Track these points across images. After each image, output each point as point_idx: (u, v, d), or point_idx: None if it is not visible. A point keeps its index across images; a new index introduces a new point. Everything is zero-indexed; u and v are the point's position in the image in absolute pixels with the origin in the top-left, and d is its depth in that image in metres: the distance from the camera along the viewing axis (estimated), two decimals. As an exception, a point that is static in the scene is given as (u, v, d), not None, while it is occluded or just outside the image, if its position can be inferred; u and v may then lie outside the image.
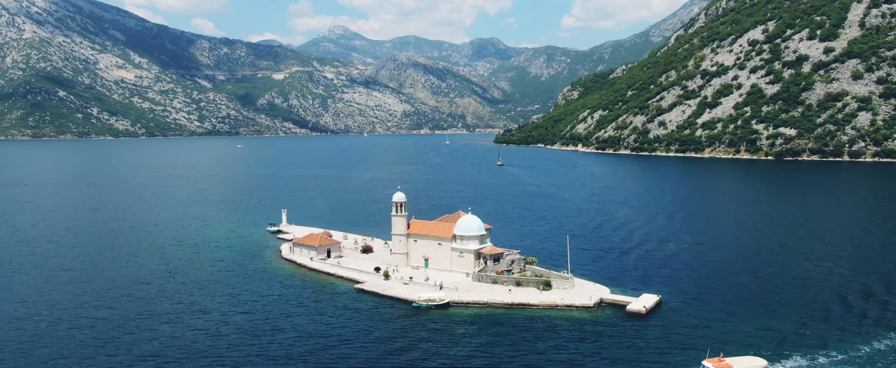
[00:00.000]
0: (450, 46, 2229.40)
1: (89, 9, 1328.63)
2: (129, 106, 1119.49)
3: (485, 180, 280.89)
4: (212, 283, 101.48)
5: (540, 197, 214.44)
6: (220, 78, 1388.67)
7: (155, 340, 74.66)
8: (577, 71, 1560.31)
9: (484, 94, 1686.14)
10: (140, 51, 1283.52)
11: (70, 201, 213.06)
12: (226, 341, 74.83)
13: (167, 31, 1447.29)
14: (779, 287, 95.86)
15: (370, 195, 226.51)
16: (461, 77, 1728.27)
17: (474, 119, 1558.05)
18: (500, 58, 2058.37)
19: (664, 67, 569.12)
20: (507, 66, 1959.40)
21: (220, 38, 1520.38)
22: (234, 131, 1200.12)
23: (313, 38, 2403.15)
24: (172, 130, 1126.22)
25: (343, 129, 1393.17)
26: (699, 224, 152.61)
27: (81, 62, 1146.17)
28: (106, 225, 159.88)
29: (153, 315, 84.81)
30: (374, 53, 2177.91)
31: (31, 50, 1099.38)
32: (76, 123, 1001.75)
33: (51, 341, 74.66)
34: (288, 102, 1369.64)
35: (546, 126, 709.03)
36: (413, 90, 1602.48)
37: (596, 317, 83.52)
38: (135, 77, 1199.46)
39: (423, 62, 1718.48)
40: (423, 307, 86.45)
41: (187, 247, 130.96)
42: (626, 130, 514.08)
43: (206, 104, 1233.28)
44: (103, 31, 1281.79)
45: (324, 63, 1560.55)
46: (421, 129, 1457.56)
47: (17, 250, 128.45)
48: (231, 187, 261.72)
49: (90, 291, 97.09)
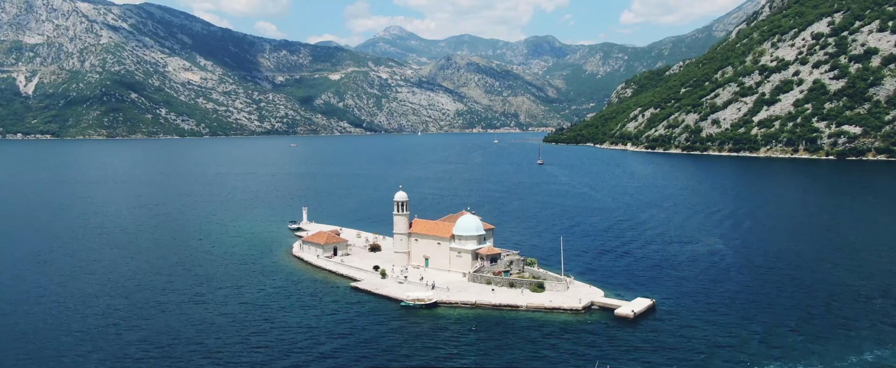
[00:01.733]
0: (504, 45, 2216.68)
1: (160, 14, 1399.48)
2: (195, 107, 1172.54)
3: (519, 180, 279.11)
4: (219, 276, 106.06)
5: (569, 197, 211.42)
6: (280, 79, 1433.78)
7: (144, 329, 78.91)
8: (634, 68, 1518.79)
9: (538, 92, 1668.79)
10: (205, 54, 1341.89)
11: (123, 197, 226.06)
12: (216, 329, 78.81)
13: (231, 34, 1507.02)
14: (789, 297, 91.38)
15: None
16: (515, 76, 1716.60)
17: (528, 118, 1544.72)
18: (555, 56, 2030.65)
19: (720, 63, 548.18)
20: (563, 63, 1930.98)
21: (280, 41, 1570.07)
22: (292, 131, 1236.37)
23: (369, 38, 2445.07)
24: (234, 129, 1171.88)
25: (396, 128, 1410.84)
26: (728, 227, 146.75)
27: (151, 65, 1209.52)
28: (146, 220, 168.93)
29: (155, 305, 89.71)
30: (428, 53, 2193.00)
31: (107, 55, 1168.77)
32: (146, 124, 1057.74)
33: (48, 326, 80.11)
34: (343, 101, 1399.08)
35: (596, 125, 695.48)
36: (466, 89, 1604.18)
37: (581, 320, 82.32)
38: (200, 79, 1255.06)
39: (476, 61, 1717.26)
40: (410, 307, 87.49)
41: (209, 241, 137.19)
42: (677, 129, 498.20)
43: (266, 105, 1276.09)
44: (172, 36, 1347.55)
45: (378, 63, 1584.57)
46: (473, 128, 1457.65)
47: (53, 242, 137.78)
48: (271, 184, 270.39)
49: (107, 281, 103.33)
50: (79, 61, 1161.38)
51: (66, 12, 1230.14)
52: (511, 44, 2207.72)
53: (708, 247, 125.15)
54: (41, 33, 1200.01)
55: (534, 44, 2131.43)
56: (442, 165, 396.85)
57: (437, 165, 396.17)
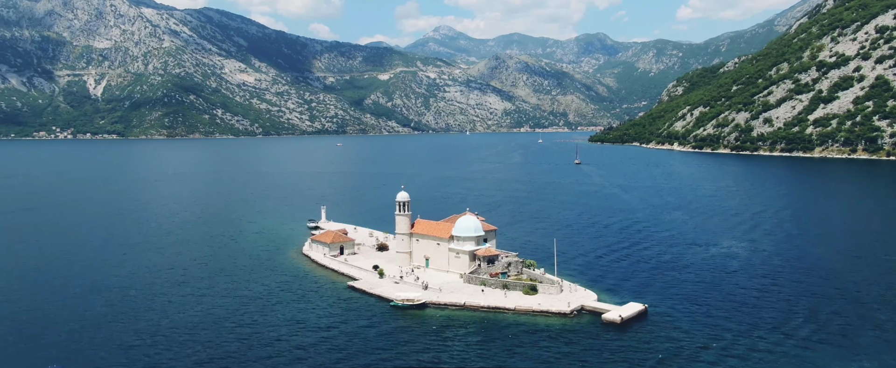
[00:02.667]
0: (554, 43, 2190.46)
1: (218, 18, 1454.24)
2: (249, 107, 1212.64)
3: (551, 180, 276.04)
4: (230, 270, 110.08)
5: (595, 197, 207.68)
6: (330, 80, 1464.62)
7: (142, 318, 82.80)
8: (689, 66, 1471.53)
9: (588, 91, 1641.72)
10: (260, 56, 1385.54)
11: (170, 194, 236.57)
12: (209, 319, 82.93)
13: (284, 36, 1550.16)
14: (796, 308, 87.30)
15: (427, 194, 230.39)
16: (564, 74, 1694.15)
17: (577, 117, 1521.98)
18: (606, 53, 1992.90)
19: (775, 60, 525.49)
20: (614, 61, 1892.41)
21: (331, 42, 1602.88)
22: (342, 130, 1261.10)
23: (419, 38, 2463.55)
24: (286, 129, 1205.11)
25: (444, 127, 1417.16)
26: (756, 232, 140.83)
27: (209, 67, 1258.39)
28: (183, 216, 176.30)
29: (162, 295, 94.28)
30: (477, 53, 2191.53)
31: (168, 58, 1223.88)
32: (203, 124, 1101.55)
33: (57, 317, 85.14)
34: (392, 101, 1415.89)
35: (643, 124, 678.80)
36: (514, 88, 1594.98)
37: (567, 324, 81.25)
38: (255, 80, 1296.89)
39: (525, 60, 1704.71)
40: (399, 307, 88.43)
41: (231, 237, 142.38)
42: (726, 128, 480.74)
43: (317, 105, 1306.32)
44: (229, 39, 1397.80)
45: (427, 63, 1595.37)
46: (521, 127, 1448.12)
47: (92, 234, 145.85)
48: (305, 183, 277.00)
49: (127, 273, 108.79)
50: (143, 64, 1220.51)
51: (132, 18, 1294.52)
52: (561, 42, 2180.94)
53: (725, 251, 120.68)
54: (109, 38, 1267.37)
55: (584, 42, 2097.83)
56: (479, 164, 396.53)
57: (473, 164, 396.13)
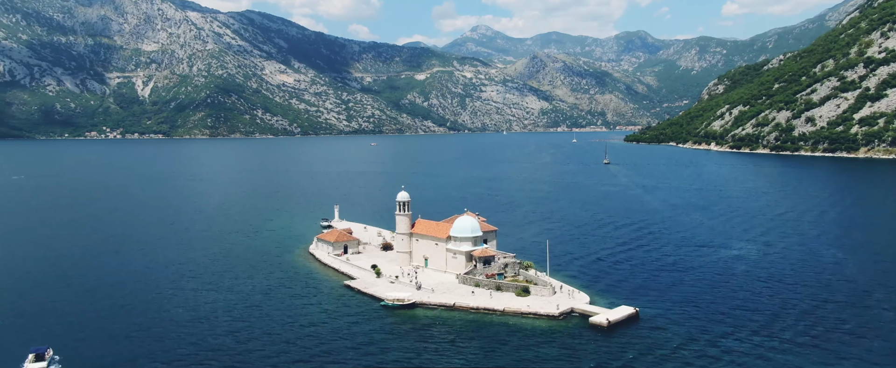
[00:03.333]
0: (593, 42, 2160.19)
1: (260, 21, 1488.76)
2: (288, 107, 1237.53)
3: (575, 180, 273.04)
4: (236, 267, 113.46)
5: (615, 198, 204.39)
6: (368, 80, 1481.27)
7: (142, 309, 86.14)
8: (733, 63, 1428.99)
9: (627, 90, 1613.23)
10: (299, 57, 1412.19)
11: (203, 192, 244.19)
12: (205, 314, 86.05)
13: (323, 37, 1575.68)
14: (796, 316, 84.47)
15: (447, 193, 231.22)
16: (602, 73, 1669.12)
17: (615, 116, 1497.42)
18: (647, 52, 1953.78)
19: (820, 56, 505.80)
20: (655, 59, 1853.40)
21: (369, 43, 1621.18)
22: (378, 130, 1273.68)
23: (456, 38, 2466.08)
24: (323, 129, 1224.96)
25: (480, 127, 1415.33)
26: (767, 233, 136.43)
27: (250, 69, 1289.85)
28: (209, 213, 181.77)
29: (169, 288, 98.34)
30: (514, 52, 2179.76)
31: (212, 60, 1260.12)
32: (244, 124, 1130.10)
33: (64, 305, 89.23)
34: (428, 101, 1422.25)
35: (681, 123, 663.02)
36: (551, 88, 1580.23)
37: (553, 326, 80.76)
38: (294, 81, 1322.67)
39: (562, 59, 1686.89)
40: (389, 307, 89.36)
41: (243, 234, 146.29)
42: (766, 127, 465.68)
43: (354, 105, 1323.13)
44: (269, 41, 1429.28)
45: (463, 63, 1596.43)
46: (558, 127, 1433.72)
47: (120, 230, 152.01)
48: (330, 182, 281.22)
49: (140, 267, 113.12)
50: (188, 66, 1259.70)
51: (178, 21, 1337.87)
52: (600, 40, 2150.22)
53: (734, 254, 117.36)
54: (157, 42, 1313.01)
55: (625, 40, 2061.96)
56: (507, 164, 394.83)
57: (501, 164, 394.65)
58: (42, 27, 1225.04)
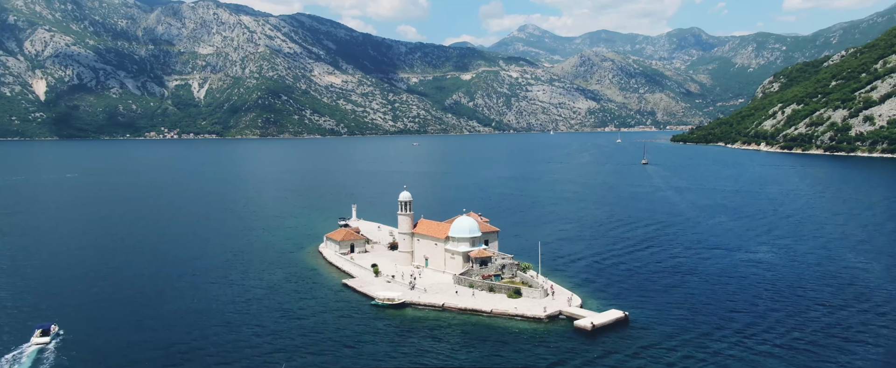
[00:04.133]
0: (644, 39, 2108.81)
1: (309, 23, 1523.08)
2: (335, 108, 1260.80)
3: (606, 180, 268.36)
4: (248, 263, 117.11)
5: (642, 199, 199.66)
6: (414, 80, 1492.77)
7: (146, 303, 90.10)
8: (792, 60, 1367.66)
9: (678, 88, 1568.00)
10: (347, 58, 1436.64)
11: (227, 190, 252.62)
12: (203, 306, 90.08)
13: (371, 38, 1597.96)
14: (795, 325, 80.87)
15: (470, 193, 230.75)
16: (652, 71, 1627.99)
17: (665, 116, 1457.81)
18: (701, 49, 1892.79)
19: (883, 51, 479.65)
20: (708, 57, 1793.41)
21: (415, 43, 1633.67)
22: (423, 130, 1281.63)
23: (504, 37, 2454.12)
24: (369, 129, 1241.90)
25: (525, 127, 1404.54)
26: (788, 236, 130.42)
27: (299, 70, 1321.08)
28: (238, 211, 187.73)
29: (180, 280, 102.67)
30: (562, 51, 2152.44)
31: (263, 62, 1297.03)
32: (293, 124, 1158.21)
33: (77, 290, 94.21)
34: (473, 101, 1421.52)
35: (731, 123, 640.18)
36: (599, 87, 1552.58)
37: (537, 329, 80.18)
38: (341, 82, 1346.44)
39: (611, 57, 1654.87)
40: (379, 306, 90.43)
41: (263, 231, 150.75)
42: (820, 127, 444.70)
43: (400, 105, 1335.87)
44: (318, 43, 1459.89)
45: (509, 62, 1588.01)
46: (606, 126, 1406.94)
47: (153, 226, 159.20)
48: (360, 180, 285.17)
49: (157, 260, 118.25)
50: (240, 69, 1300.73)
51: (232, 25, 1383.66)
52: (652, 38, 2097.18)
53: (748, 258, 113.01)
54: (212, 45, 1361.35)
55: (677, 37, 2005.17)
56: (543, 164, 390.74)
57: (537, 164, 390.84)
58: (107, 33, 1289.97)
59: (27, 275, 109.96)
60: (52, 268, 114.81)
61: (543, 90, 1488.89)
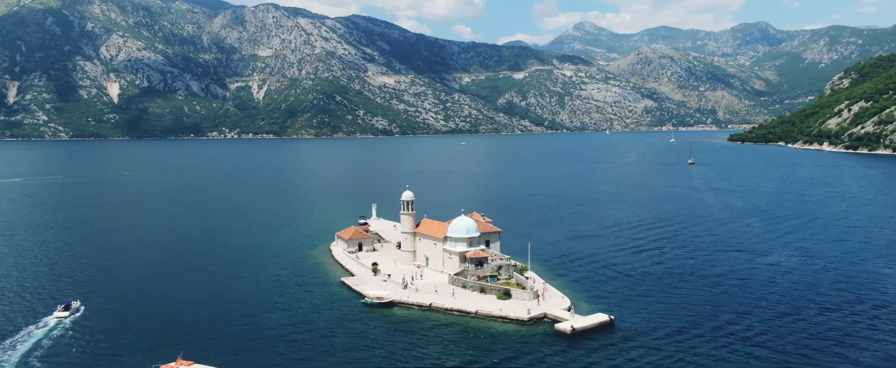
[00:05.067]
0: (706, 35, 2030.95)
1: (364, 24, 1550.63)
2: (388, 108, 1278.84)
3: (645, 181, 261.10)
4: (262, 259, 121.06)
5: (675, 200, 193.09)
6: (466, 80, 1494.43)
7: (152, 293, 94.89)
8: (869, 54, 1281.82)
9: (742, 85, 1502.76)
10: (400, 58, 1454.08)
11: (267, 187, 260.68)
12: (207, 293, 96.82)
13: (424, 39, 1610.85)
14: (793, 335, 76.84)
15: (498, 193, 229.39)
16: (714, 68, 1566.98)
17: (727, 114, 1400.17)
18: (767, 44, 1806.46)
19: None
20: (776, 52, 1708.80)
21: (468, 43, 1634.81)
22: (475, 130, 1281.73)
23: (559, 35, 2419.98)
24: (421, 128, 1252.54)
25: (579, 126, 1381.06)
26: (811, 240, 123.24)
27: (354, 71, 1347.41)
28: (259, 207, 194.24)
29: (195, 271, 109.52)
30: (619, 48, 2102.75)
31: (319, 63, 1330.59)
32: (346, 124, 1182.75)
33: (102, 274, 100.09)
34: (526, 100, 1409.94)
35: (793, 122, 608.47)
36: (657, 85, 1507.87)
37: (518, 331, 79.66)
38: (394, 82, 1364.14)
39: (670, 54, 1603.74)
40: (368, 304, 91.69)
41: (286, 227, 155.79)
42: (890, 126, 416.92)
43: (452, 105, 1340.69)
44: (372, 43, 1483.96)
45: (563, 61, 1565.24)
46: (663, 125, 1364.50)
47: (186, 221, 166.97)
48: (394, 180, 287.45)
49: (180, 253, 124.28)
50: (297, 70, 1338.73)
51: (290, 28, 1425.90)
52: (714, 34, 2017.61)
53: (765, 262, 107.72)
54: (271, 47, 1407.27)
55: (741, 32, 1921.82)
56: (586, 164, 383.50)
57: (579, 163, 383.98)
58: (175, 38, 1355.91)
59: (61, 260, 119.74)
60: (85, 255, 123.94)
61: (598, 89, 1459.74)
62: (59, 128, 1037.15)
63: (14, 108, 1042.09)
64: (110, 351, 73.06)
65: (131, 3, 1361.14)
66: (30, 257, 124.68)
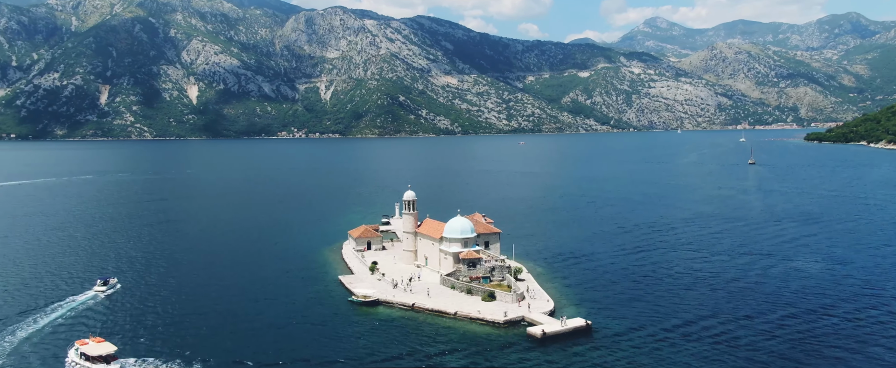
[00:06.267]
0: (788, 28, 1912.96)
1: (428, 25, 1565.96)
2: (451, 107, 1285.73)
3: (693, 182, 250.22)
4: (279, 255, 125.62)
5: (713, 203, 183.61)
6: (530, 79, 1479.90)
7: (160, 282, 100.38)
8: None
9: (828, 81, 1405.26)
10: (463, 58, 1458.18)
11: (310, 186, 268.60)
12: (214, 285, 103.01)
13: (487, 38, 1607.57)
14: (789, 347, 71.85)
15: (531, 193, 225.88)
16: (796, 63, 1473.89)
17: (811, 112, 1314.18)
18: (859, 35, 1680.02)
19: None
20: (868, 45, 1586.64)
21: (532, 42, 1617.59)
22: (537, 129, 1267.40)
23: (628, 32, 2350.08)
24: (483, 128, 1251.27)
25: (646, 125, 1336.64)
26: (846, 246, 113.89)
27: (417, 71, 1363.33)
28: (294, 206, 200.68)
29: (210, 264, 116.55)
30: (692, 44, 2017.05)
31: (383, 64, 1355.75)
32: (409, 124, 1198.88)
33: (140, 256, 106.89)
34: (591, 99, 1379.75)
35: (878, 120, 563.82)
36: (732, 81, 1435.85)
37: (490, 333, 79.01)
38: (457, 82, 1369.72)
39: (747, 49, 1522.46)
40: (354, 302, 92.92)
41: (309, 225, 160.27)
42: None
43: (515, 104, 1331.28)
44: (437, 44, 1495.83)
45: (631, 58, 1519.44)
46: (738, 124, 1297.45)
47: (230, 213, 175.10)
48: (436, 180, 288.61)
49: (209, 246, 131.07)
50: (363, 71, 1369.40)
51: (357, 29, 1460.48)
52: (798, 26, 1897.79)
53: (782, 269, 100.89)
54: (338, 49, 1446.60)
55: (829, 24, 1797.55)
56: (636, 164, 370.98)
57: (632, 164, 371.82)
58: (249, 43, 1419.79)
59: (107, 246, 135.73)
60: (128, 242, 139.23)
61: (668, 86, 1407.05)
62: (144, 128, 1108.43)
63: (105, 110, 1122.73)
64: (125, 321, 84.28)
65: (210, 11, 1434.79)
66: (82, 242, 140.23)
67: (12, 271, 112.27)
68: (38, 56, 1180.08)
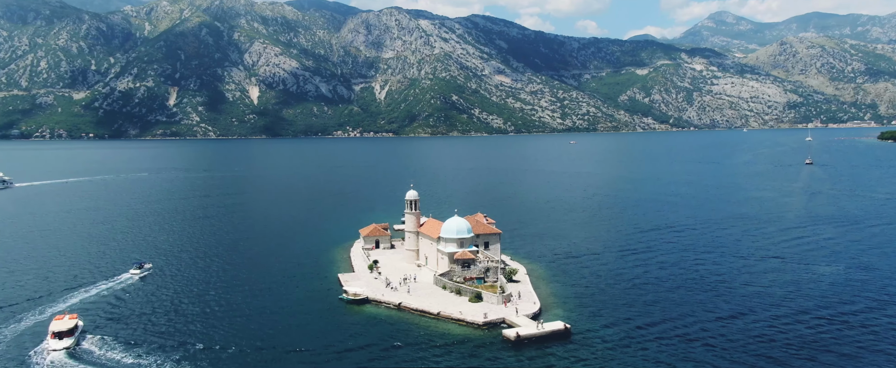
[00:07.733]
0: (869, 20, 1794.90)
1: (483, 24, 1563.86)
2: (504, 106, 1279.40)
3: (738, 182, 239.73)
4: (285, 250, 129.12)
5: (750, 205, 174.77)
6: (586, 77, 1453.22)
7: (166, 275, 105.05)
8: None
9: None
10: (518, 56, 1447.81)
11: (346, 184, 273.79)
12: (223, 277, 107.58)
13: (542, 36, 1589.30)
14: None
15: (560, 194, 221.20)
16: (876, 56, 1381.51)
17: (892, 109, 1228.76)
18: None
19: None
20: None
21: (588, 39, 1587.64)
22: (593, 128, 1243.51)
23: (692, 27, 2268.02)
24: (537, 127, 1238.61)
25: (708, 124, 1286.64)
26: (871, 251, 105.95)
27: (470, 70, 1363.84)
28: (324, 202, 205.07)
29: (231, 256, 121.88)
30: (761, 39, 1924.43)
31: (437, 63, 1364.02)
32: (462, 123, 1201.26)
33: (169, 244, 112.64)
34: (649, 96, 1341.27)
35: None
36: (804, 77, 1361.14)
37: (467, 334, 78.73)
38: (511, 81, 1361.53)
39: (820, 43, 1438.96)
40: (344, 300, 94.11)
41: (331, 222, 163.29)
42: None
43: (569, 102, 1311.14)
44: (490, 43, 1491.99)
45: (693, 54, 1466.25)
46: (809, 122, 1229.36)
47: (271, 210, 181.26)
48: (472, 180, 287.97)
49: (236, 240, 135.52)
50: (417, 71, 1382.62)
51: (411, 29, 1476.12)
52: (879, 18, 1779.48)
53: (800, 275, 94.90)
54: (393, 49, 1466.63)
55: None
56: (685, 164, 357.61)
57: (679, 164, 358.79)
58: (308, 44, 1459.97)
59: (146, 235, 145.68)
60: (165, 233, 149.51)
61: (732, 83, 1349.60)
62: (208, 128, 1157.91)
63: (173, 110, 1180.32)
64: (149, 302, 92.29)
65: (272, 16, 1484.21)
66: (125, 232, 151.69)
67: (56, 258, 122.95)
68: (114, 60, 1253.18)
